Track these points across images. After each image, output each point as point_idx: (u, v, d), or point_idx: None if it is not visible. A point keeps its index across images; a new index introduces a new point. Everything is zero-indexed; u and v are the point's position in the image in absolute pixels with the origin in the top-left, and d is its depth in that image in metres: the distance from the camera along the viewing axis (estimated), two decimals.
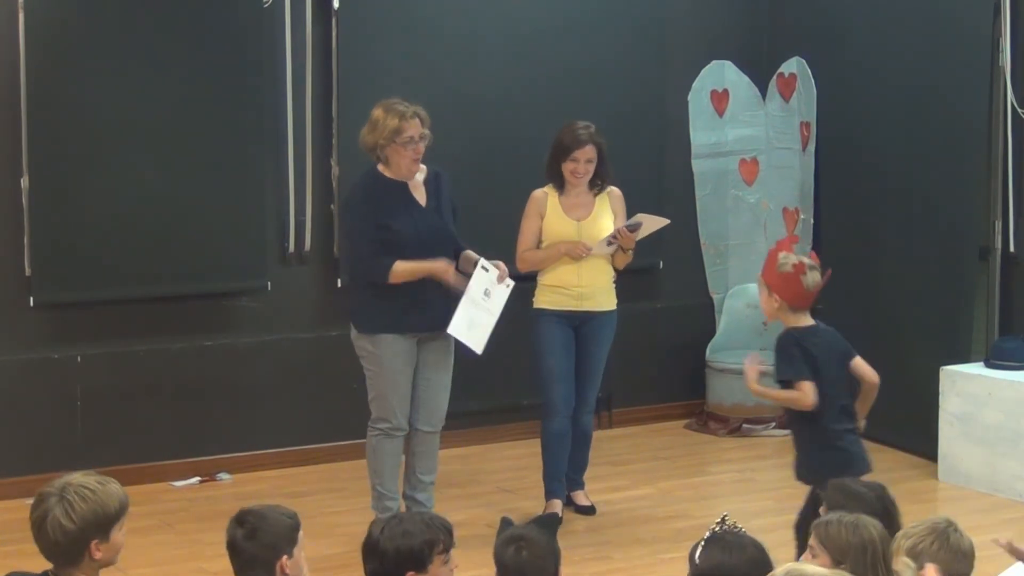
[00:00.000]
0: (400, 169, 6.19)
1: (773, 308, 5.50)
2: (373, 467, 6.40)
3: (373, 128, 6.18)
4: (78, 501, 3.59)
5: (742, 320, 8.78)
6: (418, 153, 6.17)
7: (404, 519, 3.87)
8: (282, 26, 7.55)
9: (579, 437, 6.82)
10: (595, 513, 6.84)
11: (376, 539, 3.80)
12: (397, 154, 6.16)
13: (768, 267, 5.53)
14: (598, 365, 6.76)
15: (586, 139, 6.56)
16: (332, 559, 6.27)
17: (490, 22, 8.03)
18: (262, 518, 3.80)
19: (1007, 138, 7.61)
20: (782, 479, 7.67)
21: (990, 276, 7.78)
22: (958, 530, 3.73)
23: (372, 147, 6.21)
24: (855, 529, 3.83)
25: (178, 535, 6.65)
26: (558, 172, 6.63)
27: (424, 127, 6.19)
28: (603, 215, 6.66)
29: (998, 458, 7.22)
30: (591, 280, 6.63)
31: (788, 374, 5.42)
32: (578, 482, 6.92)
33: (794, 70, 8.63)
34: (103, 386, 7.30)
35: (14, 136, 7.05)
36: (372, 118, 6.20)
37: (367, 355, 6.32)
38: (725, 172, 8.80)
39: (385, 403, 6.29)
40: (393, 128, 6.12)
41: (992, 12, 7.53)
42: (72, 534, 3.58)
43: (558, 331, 6.63)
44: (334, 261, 7.75)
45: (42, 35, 7.04)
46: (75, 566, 3.63)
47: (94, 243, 7.22)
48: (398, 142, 6.13)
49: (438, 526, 3.82)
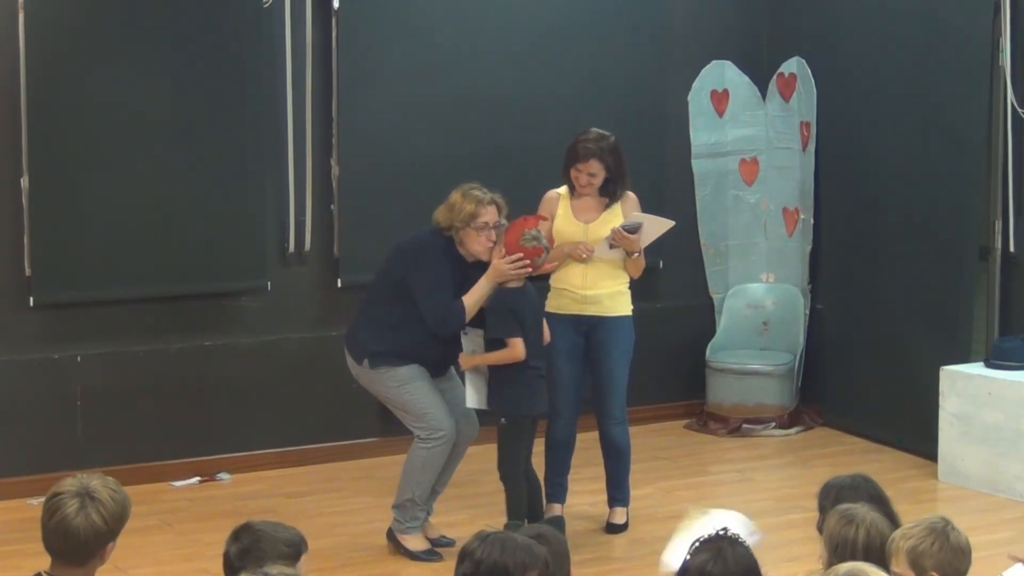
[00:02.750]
0: (473, 252, 6.24)
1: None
2: (416, 479, 6.33)
3: (450, 209, 6.23)
4: (108, 501, 3.62)
5: (742, 320, 8.79)
6: (491, 240, 6.21)
7: (510, 538, 3.86)
8: (282, 26, 7.55)
9: (607, 449, 6.73)
10: (625, 531, 6.74)
11: (474, 547, 3.79)
12: (470, 238, 6.21)
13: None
14: (612, 374, 6.62)
15: (590, 153, 6.49)
16: (332, 559, 6.27)
17: (490, 23, 8.03)
18: (258, 538, 3.78)
19: (1007, 138, 7.61)
20: (782, 479, 7.70)
21: (990, 276, 7.78)
22: (955, 528, 3.74)
23: (447, 227, 6.24)
24: (848, 522, 3.87)
25: (178, 535, 6.65)
26: (569, 175, 6.61)
27: (501, 216, 6.25)
28: (612, 220, 6.56)
29: (998, 458, 7.22)
30: (596, 284, 6.56)
31: (501, 332, 6.16)
32: (615, 498, 6.79)
33: (794, 70, 8.63)
34: (103, 386, 7.30)
35: (14, 136, 7.05)
36: (449, 200, 6.25)
37: (398, 384, 6.29)
38: (725, 172, 8.80)
39: (437, 413, 6.28)
40: (469, 212, 6.17)
41: (992, 12, 7.53)
42: (103, 532, 3.61)
43: (561, 337, 6.56)
44: (334, 261, 7.75)
45: (42, 35, 7.04)
46: (83, 567, 3.64)
47: (94, 243, 7.22)
48: (473, 227, 6.19)
49: (538, 554, 3.81)
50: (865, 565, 3.39)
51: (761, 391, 8.46)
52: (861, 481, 4.32)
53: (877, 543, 3.85)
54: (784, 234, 8.75)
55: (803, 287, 8.66)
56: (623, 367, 6.64)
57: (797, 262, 8.69)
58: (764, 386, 8.47)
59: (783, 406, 8.49)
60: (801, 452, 8.13)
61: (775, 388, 8.48)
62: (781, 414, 8.47)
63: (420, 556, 6.34)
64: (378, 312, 6.35)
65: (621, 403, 6.68)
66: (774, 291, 8.79)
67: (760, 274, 8.85)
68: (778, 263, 8.79)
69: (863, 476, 4.37)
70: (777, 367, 8.50)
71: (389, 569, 6.30)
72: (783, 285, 8.75)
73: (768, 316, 8.78)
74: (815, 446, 8.22)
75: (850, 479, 4.34)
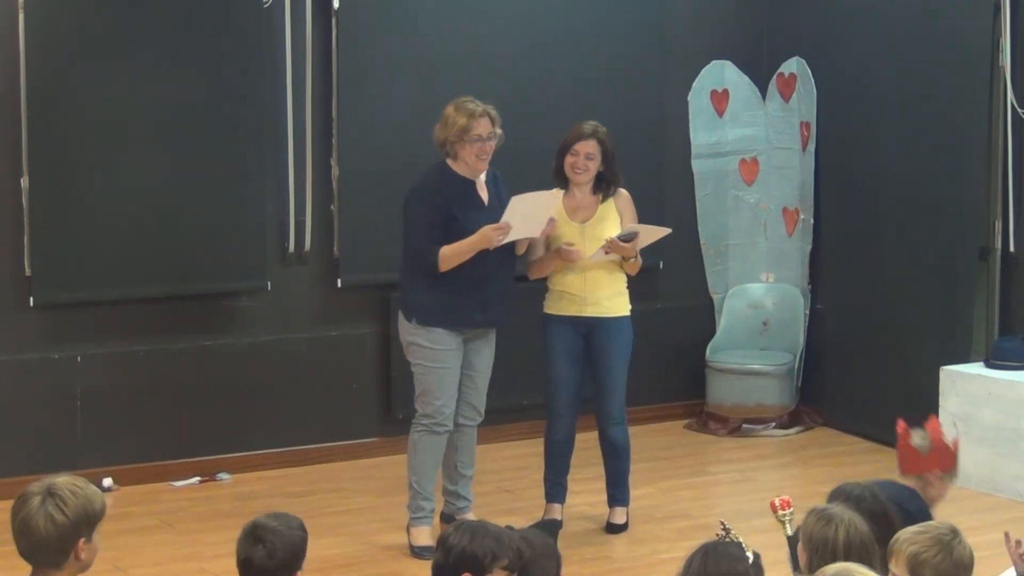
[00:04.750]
0: (467, 165, 6.31)
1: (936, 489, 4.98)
2: (412, 464, 6.40)
3: (444, 124, 6.31)
4: (69, 496, 3.58)
5: (742, 320, 8.79)
6: (485, 151, 6.29)
7: (481, 527, 3.89)
8: (282, 26, 7.55)
9: (608, 450, 6.73)
10: (625, 531, 6.74)
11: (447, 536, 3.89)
12: (465, 150, 6.28)
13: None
14: (612, 375, 6.62)
15: (588, 133, 6.54)
16: (332, 559, 6.28)
17: (490, 23, 8.03)
18: (278, 534, 3.81)
19: (1007, 138, 7.60)
20: (782, 479, 7.70)
21: (990, 276, 7.78)
22: (961, 541, 3.71)
23: (443, 142, 6.33)
24: (827, 522, 3.88)
25: (178, 535, 6.65)
26: (561, 169, 6.61)
27: (495, 126, 6.32)
28: (607, 218, 6.58)
29: (998, 458, 7.22)
30: (596, 285, 6.55)
31: None
32: (615, 498, 6.78)
33: (794, 70, 8.63)
34: (103, 386, 7.30)
35: (14, 136, 7.05)
36: (444, 115, 6.33)
37: (417, 349, 6.35)
38: (725, 172, 8.80)
39: (433, 398, 6.33)
40: (462, 126, 6.25)
41: (992, 12, 7.53)
42: (64, 528, 3.56)
43: (562, 338, 6.57)
44: (334, 261, 7.75)
45: (42, 35, 7.04)
46: (58, 568, 3.60)
47: (94, 243, 7.22)
48: (466, 139, 6.25)
49: (508, 544, 3.84)
50: (853, 565, 3.40)
51: (761, 391, 8.46)
52: (868, 495, 4.31)
53: (857, 542, 3.85)
54: (784, 234, 8.75)
55: (803, 287, 8.66)
56: (623, 367, 6.65)
57: (797, 262, 8.69)
58: (764, 386, 8.46)
59: (783, 406, 8.48)
60: (801, 452, 8.12)
61: (775, 388, 8.48)
62: (781, 414, 8.47)
63: (415, 551, 6.33)
64: (405, 266, 6.44)
65: (621, 403, 6.68)
66: (774, 291, 8.79)
67: (760, 274, 8.85)
68: (778, 263, 8.79)
69: (872, 491, 4.35)
70: (777, 367, 8.50)
71: (389, 569, 6.30)
72: (783, 285, 8.75)
73: (768, 316, 8.77)
74: (815, 446, 8.22)
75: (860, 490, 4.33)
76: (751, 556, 3.61)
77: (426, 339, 6.32)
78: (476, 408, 6.51)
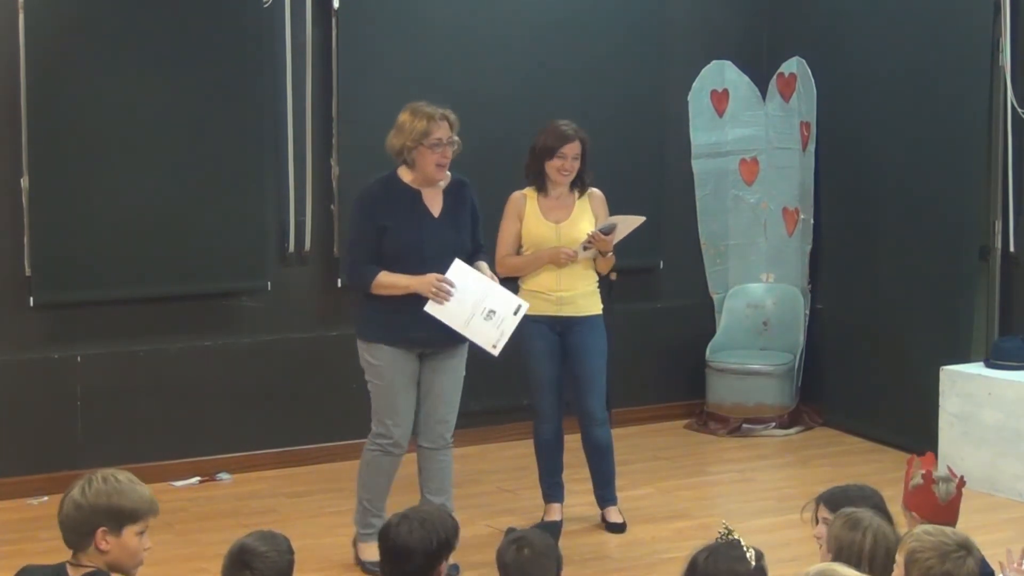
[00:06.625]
0: (426, 173, 5.96)
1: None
2: (363, 480, 6.12)
3: (399, 130, 5.96)
4: (99, 483, 3.63)
5: (742, 320, 8.79)
6: (445, 157, 5.94)
7: (419, 516, 3.96)
8: (282, 26, 7.55)
9: (592, 451, 6.67)
10: (625, 530, 6.70)
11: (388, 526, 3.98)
12: (423, 157, 5.91)
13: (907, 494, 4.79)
14: (592, 374, 6.55)
15: (573, 135, 6.48)
16: (332, 559, 6.27)
17: (490, 22, 8.03)
18: (265, 560, 3.78)
19: (1007, 138, 7.60)
20: (782, 479, 7.70)
21: (990, 276, 7.78)
22: (965, 562, 3.65)
23: (399, 151, 5.97)
24: (854, 526, 3.87)
25: (178, 535, 6.65)
26: (540, 171, 6.53)
27: (453, 131, 5.97)
28: (582, 218, 6.54)
29: (998, 458, 7.22)
30: (571, 285, 6.51)
31: None
32: (606, 498, 6.74)
33: (794, 70, 8.63)
34: (103, 386, 7.30)
35: (14, 136, 7.05)
36: (399, 121, 5.98)
37: (368, 366, 6.06)
38: (725, 172, 8.80)
39: (384, 417, 6.05)
40: (421, 130, 5.90)
41: (992, 12, 7.53)
42: (83, 510, 3.59)
43: (540, 338, 6.52)
44: (334, 261, 7.75)
45: (42, 35, 7.04)
46: (82, 552, 3.63)
47: (94, 243, 7.22)
48: (425, 144, 5.91)
49: (441, 531, 3.87)
50: (836, 565, 3.39)
51: (761, 391, 8.46)
52: (870, 492, 4.31)
53: (883, 548, 3.83)
54: (784, 234, 8.76)
55: (803, 287, 8.66)
56: (603, 365, 6.60)
57: (797, 262, 8.69)
58: (764, 386, 8.46)
59: (783, 406, 8.49)
60: (801, 452, 8.12)
61: (775, 388, 8.48)
62: (781, 414, 8.47)
63: (366, 567, 6.03)
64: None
65: (602, 403, 6.62)
66: (774, 291, 8.80)
67: (760, 274, 8.85)
68: (778, 263, 8.79)
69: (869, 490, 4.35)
70: (777, 367, 8.50)
71: None
72: (783, 285, 8.76)
73: (768, 316, 8.78)
74: (815, 446, 8.22)
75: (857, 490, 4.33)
76: (753, 556, 3.61)
77: (371, 355, 6.00)
78: (438, 432, 6.11)
